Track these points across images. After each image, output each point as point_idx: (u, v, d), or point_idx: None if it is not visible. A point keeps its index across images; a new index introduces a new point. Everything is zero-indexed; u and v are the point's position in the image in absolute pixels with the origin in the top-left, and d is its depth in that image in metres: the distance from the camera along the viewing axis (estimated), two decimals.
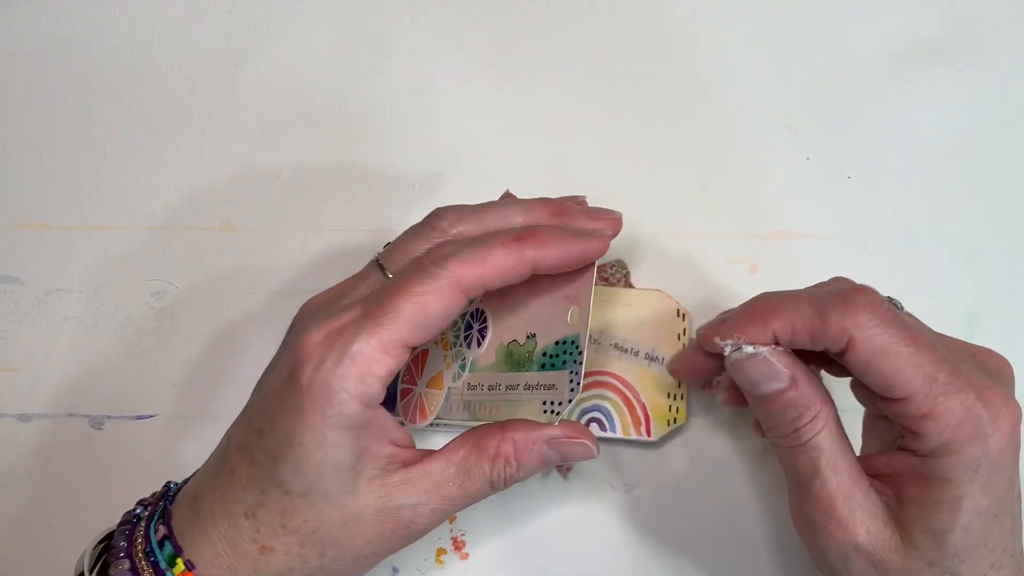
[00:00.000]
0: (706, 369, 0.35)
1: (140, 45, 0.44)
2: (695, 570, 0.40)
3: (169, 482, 0.35)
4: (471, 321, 0.37)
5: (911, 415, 0.30)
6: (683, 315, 0.39)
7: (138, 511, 0.33)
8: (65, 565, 0.36)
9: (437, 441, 0.40)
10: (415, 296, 0.30)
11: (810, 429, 0.31)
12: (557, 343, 0.34)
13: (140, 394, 0.42)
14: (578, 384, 0.32)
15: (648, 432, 0.39)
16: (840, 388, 0.35)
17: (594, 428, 0.38)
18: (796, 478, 0.32)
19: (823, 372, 0.35)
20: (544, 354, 0.34)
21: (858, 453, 0.33)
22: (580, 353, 0.32)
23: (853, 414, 0.41)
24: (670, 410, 0.39)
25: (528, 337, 0.35)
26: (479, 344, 0.36)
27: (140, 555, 0.31)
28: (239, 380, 0.42)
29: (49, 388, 0.42)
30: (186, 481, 0.34)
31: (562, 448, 0.33)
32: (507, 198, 0.38)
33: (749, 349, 0.31)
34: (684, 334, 0.39)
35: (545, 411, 0.33)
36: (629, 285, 0.41)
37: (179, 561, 0.31)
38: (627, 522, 0.41)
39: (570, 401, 0.33)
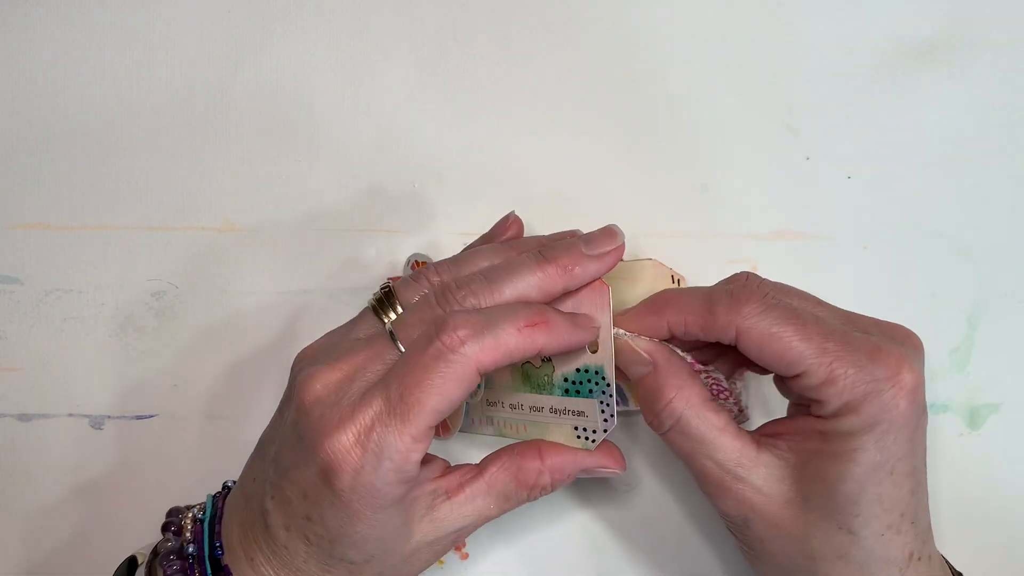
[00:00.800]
0: None
1: (140, 45, 0.44)
2: (696, 569, 0.40)
3: (194, 515, 0.35)
4: None
5: (811, 385, 0.31)
6: (678, 281, 0.38)
7: (190, 550, 0.33)
8: (65, 564, 0.36)
9: (460, 449, 0.41)
10: (437, 389, 0.30)
11: (670, 413, 0.33)
12: (578, 370, 0.35)
13: (140, 394, 0.42)
14: (612, 415, 0.34)
15: None
16: None
17: None
18: (682, 459, 0.34)
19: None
20: (565, 380, 0.35)
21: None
22: (608, 385, 0.34)
23: None
24: None
25: (544, 360, 0.36)
26: None
27: None
28: (239, 380, 0.42)
29: (49, 388, 0.42)
30: (215, 520, 0.34)
31: (594, 474, 0.35)
32: (511, 221, 0.38)
33: (619, 331, 0.34)
34: None
35: (579, 436, 0.35)
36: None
37: None
38: (627, 522, 0.41)
39: (605, 431, 0.34)
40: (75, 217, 0.43)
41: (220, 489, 0.36)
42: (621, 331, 0.34)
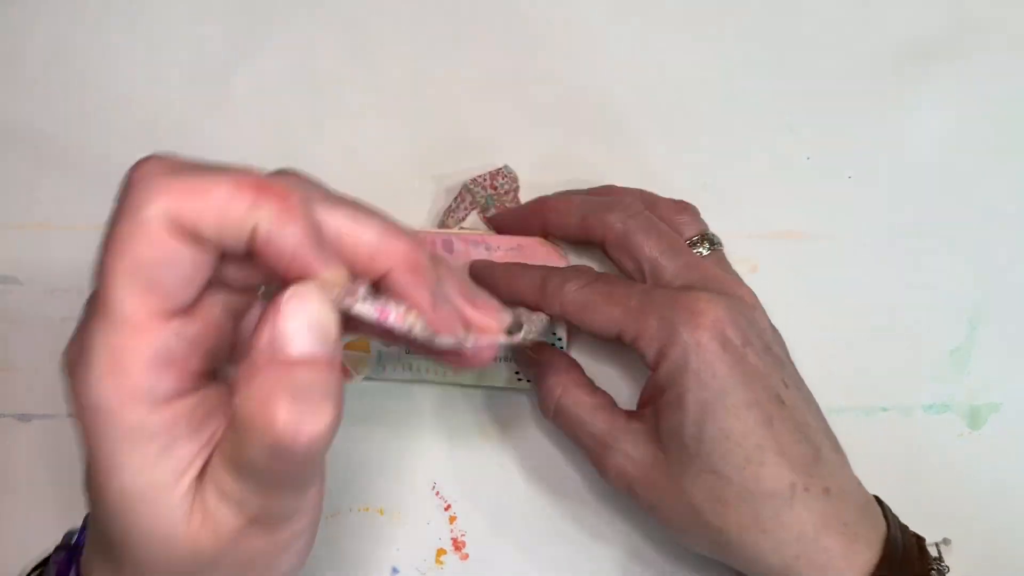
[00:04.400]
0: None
1: (140, 44, 0.44)
2: (697, 570, 0.40)
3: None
4: None
5: (628, 343, 0.34)
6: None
7: None
8: None
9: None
10: None
11: (551, 401, 0.36)
12: None
13: None
14: None
15: None
16: (828, 388, 0.35)
17: None
18: (570, 438, 0.37)
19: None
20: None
21: None
22: (560, 340, 0.38)
23: (853, 414, 0.41)
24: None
25: None
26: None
27: None
28: None
29: (49, 388, 0.42)
30: None
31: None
32: None
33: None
34: None
35: (520, 379, 0.39)
36: (516, 200, 0.41)
37: None
38: (627, 522, 0.41)
39: None
40: (75, 217, 0.43)
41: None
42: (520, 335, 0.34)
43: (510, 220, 0.40)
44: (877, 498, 0.35)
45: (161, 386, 0.24)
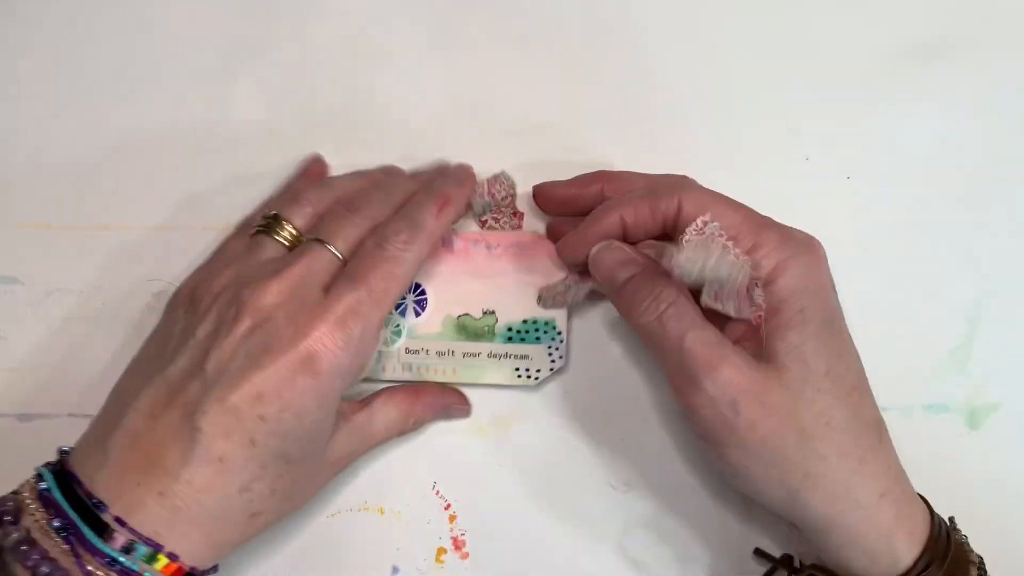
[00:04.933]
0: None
1: (141, 45, 0.44)
2: (701, 568, 0.40)
3: (35, 489, 0.32)
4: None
5: (742, 251, 0.34)
6: None
7: (56, 524, 0.31)
8: None
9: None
10: (398, 279, 0.35)
11: (667, 296, 0.34)
12: (525, 321, 0.40)
13: None
14: (561, 356, 0.40)
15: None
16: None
17: None
18: (669, 346, 0.34)
19: None
20: (509, 329, 0.40)
21: None
22: (559, 334, 0.40)
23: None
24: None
25: (485, 313, 0.40)
26: (417, 314, 0.40)
27: (97, 569, 0.31)
28: None
29: (49, 388, 0.42)
30: (70, 483, 0.32)
31: (452, 412, 0.41)
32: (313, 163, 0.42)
33: (610, 243, 0.36)
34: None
35: (520, 375, 0.40)
36: (514, 206, 0.42)
37: (160, 556, 0.32)
38: (626, 521, 0.41)
39: (552, 370, 0.40)
40: (75, 217, 0.43)
41: (55, 459, 0.34)
42: (614, 242, 0.37)
43: (562, 187, 0.40)
44: None
45: (370, 359, 0.37)
